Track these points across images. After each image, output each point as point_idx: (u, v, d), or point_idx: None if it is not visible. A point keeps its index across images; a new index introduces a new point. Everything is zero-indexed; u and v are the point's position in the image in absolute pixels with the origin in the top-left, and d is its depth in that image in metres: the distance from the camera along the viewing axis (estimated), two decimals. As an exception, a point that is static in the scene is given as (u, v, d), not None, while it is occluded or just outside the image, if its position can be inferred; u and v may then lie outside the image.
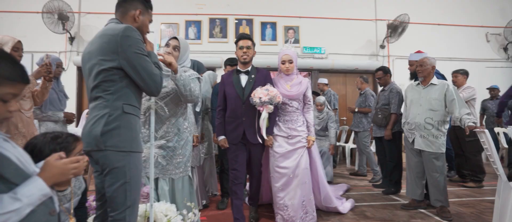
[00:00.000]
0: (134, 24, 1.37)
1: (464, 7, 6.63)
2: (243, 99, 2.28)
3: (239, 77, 2.35)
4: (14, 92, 0.69)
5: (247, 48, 2.30)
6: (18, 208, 0.64)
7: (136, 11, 1.38)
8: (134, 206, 1.26)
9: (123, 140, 1.24)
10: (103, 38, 1.27)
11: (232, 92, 2.32)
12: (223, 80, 2.42)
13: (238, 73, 2.36)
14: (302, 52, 6.10)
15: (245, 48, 2.29)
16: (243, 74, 2.35)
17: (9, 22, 5.79)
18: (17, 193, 0.66)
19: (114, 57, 1.24)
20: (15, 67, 0.69)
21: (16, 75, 0.69)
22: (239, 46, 2.33)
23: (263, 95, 2.15)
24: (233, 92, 2.31)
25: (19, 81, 0.70)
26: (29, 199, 0.67)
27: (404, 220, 2.51)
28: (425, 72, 2.60)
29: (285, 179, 2.37)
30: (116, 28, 1.27)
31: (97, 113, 1.25)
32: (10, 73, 0.68)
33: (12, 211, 0.63)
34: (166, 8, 5.95)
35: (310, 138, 2.46)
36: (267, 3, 6.21)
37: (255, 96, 2.18)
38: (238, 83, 2.33)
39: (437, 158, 2.56)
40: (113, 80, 1.25)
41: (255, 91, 2.20)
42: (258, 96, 2.16)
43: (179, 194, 1.85)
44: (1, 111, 0.69)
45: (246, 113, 2.28)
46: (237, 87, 2.31)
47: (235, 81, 2.33)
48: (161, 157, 1.76)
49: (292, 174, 2.36)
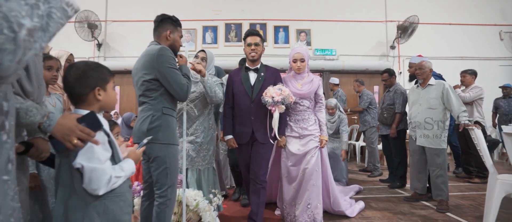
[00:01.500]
0: (167, 42, 1.72)
1: (477, 6, 6.67)
2: (252, 98, 2.20)
3: (247, 75, 2.25)
4: (113, 82, 1.08)
5: (255, 45, 2.20)
6: (122, 176, 0.99)
7: (167, 31, 1.73)
8: (173, 186, 1.61)
9: (163, 135, 1.59)
10: (145, 57, 1.64)
11: (240, 91, 2.23)
12: (230, 78, 2.32)
13: (247, 71, 2.26)
14: (314, 54, 6.35)
15: (253, 45, 2.20)
16: (252, 72, 2.26)
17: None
18: (122, 167, 1.01)
19: (152, 71, 1.59)
20: (107, 68, 1.06)
21: (110, 72, 1.07)
22: (247, 43, 2.24)
23: (276, 95, 2.08)
24: (242, 90, 2.22)
25: (112, 75, 1.08)
26: (126, 172, 1.02)
27: (405, 210, 2.75)
28: (424, 75, 2.83)
29: (296, 179, 2.33)
30: (154, 49, 1.63)
31: (144, 114, 1.61)
32: (108, 72, 1.06)
33: (119, 177, 0.98)
34: (184, 14, 6.32)
35: (323, 138, 2.38)
36: (280, 8, 6.50)
37: (267, 96, 2.09)
38: (247, 81, 2.23)
39: (438, 154, 2.78)
40: (153, 89, 1.61)
41: (267, 90, 2.12)
42: (271, 95, 2.08)
43: (205, 182, 2.20)
44: (113, 97, 1.06)
45: (255, 112, 2.19)
46: (245, 85, 2.22)
47: (244, 79, 2.24)
48: (191, 150, 2.12)
49: (303, 174, 2.31)
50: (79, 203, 0.95)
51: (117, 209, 1.01)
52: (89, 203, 0.95)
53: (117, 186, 0.99)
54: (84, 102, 1.02)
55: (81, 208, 0.95)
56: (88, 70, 1.01)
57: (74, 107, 1.05)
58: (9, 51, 0.56)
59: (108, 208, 0.99)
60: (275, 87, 2.13)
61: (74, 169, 0.95)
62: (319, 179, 2.35)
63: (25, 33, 0.58)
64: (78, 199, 0.95)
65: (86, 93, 1.00)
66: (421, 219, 2.52)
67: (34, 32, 0.60)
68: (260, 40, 2.24)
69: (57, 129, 0.92)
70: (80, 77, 0.99)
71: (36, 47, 0.62)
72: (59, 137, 0.91)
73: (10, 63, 0.58)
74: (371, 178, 4.21)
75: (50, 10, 0.63)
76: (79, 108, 1.02)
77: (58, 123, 0.93)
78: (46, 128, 0.93)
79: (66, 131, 0.91)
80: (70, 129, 0.91)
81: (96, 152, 0.96)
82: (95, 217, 0.96)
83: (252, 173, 2.21)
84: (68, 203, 0.96)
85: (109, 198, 0.99)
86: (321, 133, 2.40)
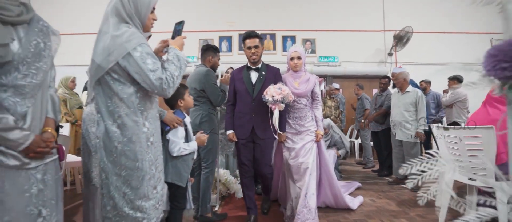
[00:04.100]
0: (210, 64, 2.52)
1: (469, 15, 7.26)
2: (253, 96, 2.30)
3: (249, 74, 2.36)
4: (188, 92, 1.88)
5: (255, 48, 2.29)
6: (188, 149, 1.76)
7: (209, 57, 2.53)
8: (214, 161, 2.42)
9: (208, 126, 2.40)
10: (196, 76, 2.46)
11: (242, 89, 2.34)
12: (233, 76, 2.43)
13: (249, 70, 2.37)
14: (318, 61, 7.08)
15: (253, 48, 2.29)
16: (254, 71, 2.37)
17: (80, 43, 7.29)
18: (189, 144, 1.79)
19: (201, 85, 2.40)
20: (183, 85, 1.84)
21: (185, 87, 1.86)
22: (247, 46, 2.32)
23: (276, 94, 2.15)
24: (243, 88, 2.33)
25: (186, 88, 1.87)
26: (190, 148, 1.79)
27: (386, 189, 3.49)
28: (399, 84, 3.57)
29: (297, 172, 2.42)
30: (202, 70, 2.44)
31: (196, 113, 2.42)
32: (184, 88, 1.84)
33: (186, 149, 1.75)
34: (203, 26, 7.18)
35: (319, 132, 2.50)
36: (287, 19, 7.26)
37: (268, 94, 2.17)
38: (248, 80, 2.34)
39: (412, 146, 3.50)
40: (201, 96, 2.41)
41: (268, 89, 2.19)
42: (271, 94, 2.16)
43: (231, 164, 3.00)
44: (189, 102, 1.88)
45: (256, 109, 2.29)
46: (247, 83, 2.32)
47: (245, 78, 2.34)
48: (223, 139, 2.92)
49: (303, 166, 2.40)
50: (166, 157, 1.75)
51: (181, 166, 1.81)
52: (170, 159, 1.76)
53: (183, 154, 1.78)
54: (175, 107, 1.83)
55: (166, 160, 1.75)
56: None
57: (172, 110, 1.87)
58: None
59: (177, 164, 1.79)
60: (275, 87, 2.20)
61: (166, 139, 1.75)
62: (315, 171, 2.46)
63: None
64: (167, 154, 1.75)
65: (175, 103, 1.82)
66: (395, 194, 3.24)
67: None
68: (259, 41, 2.32)
69: (166, 118, 1.72)
70: (172, 96, 1.80)
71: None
72: (167, 122, 1.72)
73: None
74: (365, 169, 4.93)
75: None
76: (174, 109, 1.83)
77: (166, 115, 1.73)
78: (161, 117, 1.73)
79: (170, 119, 1.72)
80: (172, 118, 1.72)
81: (178, 132, 1.76)
82: (170, 166, 1.75)
83: (258, 170, 2.37)
84: (165, 156, 1.77)
85: (178, 159, 1.79)
86: (317, 128, 2.53)
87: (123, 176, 1.33)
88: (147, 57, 1.28)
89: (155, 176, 1.40)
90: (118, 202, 1.33)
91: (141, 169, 1.33)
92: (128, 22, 1.31)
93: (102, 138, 1.33)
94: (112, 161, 1.32)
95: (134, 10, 1.32)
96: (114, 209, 1.34)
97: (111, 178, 1.33)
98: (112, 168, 1.33)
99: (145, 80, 1.27)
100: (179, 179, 1.81)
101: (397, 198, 3.17)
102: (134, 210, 1.33)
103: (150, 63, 1.28)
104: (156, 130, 1.44)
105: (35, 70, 1.05)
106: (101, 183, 1.38)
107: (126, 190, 1.33)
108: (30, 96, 1.05)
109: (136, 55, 1.26)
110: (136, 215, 1.34)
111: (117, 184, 1.33)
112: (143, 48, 1.28)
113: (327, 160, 2.69)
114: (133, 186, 1.33)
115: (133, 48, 1.26)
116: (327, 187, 2.72)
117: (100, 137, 1.35)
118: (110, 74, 1.28)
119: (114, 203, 1.34)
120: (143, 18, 1.35)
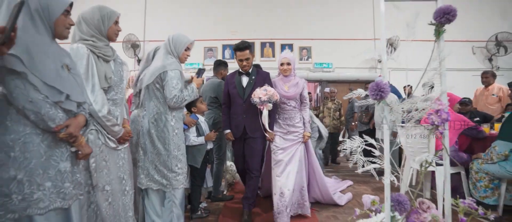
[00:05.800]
0: (221, 76, 3.13)
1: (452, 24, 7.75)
2: (243, 98, 2.50)
3: (240, 78, 2.56)
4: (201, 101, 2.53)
5: (246, 60, 2.49)
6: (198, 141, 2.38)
7: (221, 70, 3.14)
8: (225, 153, 3.05)
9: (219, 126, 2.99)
10: (211, 85, 3.05)
11: (234, 92, 2.53)
12: (227, 80, 2.65)
13: (240, 75, 2.58)
14: (314, 67, 7.68)
15: (244, 61, 2.50)
16: (245, 75, 2.56)
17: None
18: (199, 138, 2.41)
19: (215, 93, 2.99)
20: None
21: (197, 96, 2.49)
22: (238, 59, 2.52)
23: (262, 95, 2.32)
24: (235, 92, 2.53)
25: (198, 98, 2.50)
26: (199, 141, 2.41)
27: (366, 180, 4.07)
28: (378, 90, 4.15)
29: (282, 168, 2.55)
30: (216, 81, 3.05)
31: (211, 115, 3.01)
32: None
33: (196, 141, 2.37)
34: (207, 35, 7.79)
35: (306, 134, 2.67)
36: (285, 29, 7.87)
37: (255, 97, 2.34)
38: (239, 84, 2.52)
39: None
40: (214, 102, 3.01)
41: (255, 92, 2.36)
42: (258, 96, 2.33)
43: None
44: (201, 108, 2.54)
45: (247, 110, 2.49)
46: (238, 87, 2.52)
47: (237, 82, 2.54)
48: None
49: (289, 164, 2.56)
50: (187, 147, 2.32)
51: (196, 153, 2.43)
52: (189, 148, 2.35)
53: (193, 145, 2.39)
54: (191, 112, 2.45)
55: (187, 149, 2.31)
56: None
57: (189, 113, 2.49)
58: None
59: (193, 151, 2.41)
60: (261, 89, 2.37)
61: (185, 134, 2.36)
62: (303, 168, 2.65)
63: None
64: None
65: (190, 109, 2.45)
66: (377, 184, 3.83)
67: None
68: (249, 53, 2.49)
69: (186, 120, 2.33)
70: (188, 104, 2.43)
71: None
72: (186, 123, 2.33)
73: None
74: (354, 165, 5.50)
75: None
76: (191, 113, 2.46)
77: (186, 118, 2.34)
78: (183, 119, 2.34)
79: (188, 121, 2.34)
80: (189, 121, 2.34)
81: (191, 129, 2.39)
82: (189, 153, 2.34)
83: (247, 165, 2.54)
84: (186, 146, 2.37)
85: (192, 147, 2.40)
86: (305, 129, 2.67)
87: (156, 153, 1.97)
88: (175, 78, 1.93)
89: (178, 157, 2.03)
90: (150, 171, 1.98)
91: (168, 150, 1.97)
92: (171, 54, 2.00)
93: (145, 127, 1.99)
94: (150, 142, 1.98)
95: (174, 48, 2.01)
96: (147, 176, 1.98)
97: (148, 154, 1.98)
98: (150, 147, 1.98)
99: (166, 91, 1.93)
100: (194, 162, 2.43)
101: (373, 185, 3.77)
102: (161, 177, 1.98)
103: (174, 83, 1.93)
104: (180, 125, 2.09)
105: (120, 89, 1.65)
106: (139, 158, 2.02)
107: (157, 163, 1.97)
108: (119, 105, 1.65)
109: (171, 74, 1.92)
110: (162, 181, 1.98)
111: (152, 158, 1.98)
112: (175, 73, 1.95)
113: (315, 159, 2.87)
114: (162, 161, 1.97)
115: (170, 70, 1.92)
116: (315, 185, 2.94)
117: (144, 126, 2.00)
118: (154, 84, 1.95)
119: (147, 172, 1.98)
120: (179, 54, 2.07)
